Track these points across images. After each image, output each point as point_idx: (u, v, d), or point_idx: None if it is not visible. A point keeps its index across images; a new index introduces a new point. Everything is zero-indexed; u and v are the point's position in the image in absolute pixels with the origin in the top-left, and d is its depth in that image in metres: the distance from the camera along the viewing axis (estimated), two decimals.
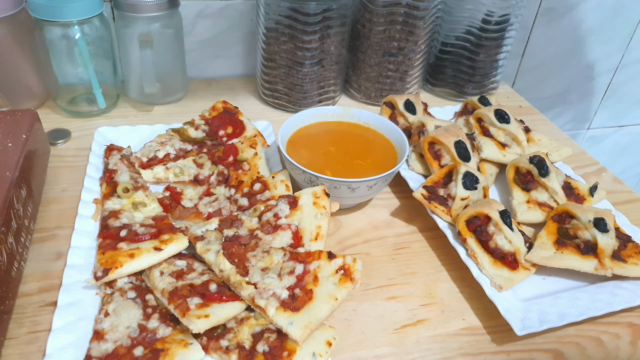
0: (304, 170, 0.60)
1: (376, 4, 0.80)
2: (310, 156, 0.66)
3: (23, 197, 0.55)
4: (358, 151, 0.68)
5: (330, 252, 0.52)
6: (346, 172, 0.64)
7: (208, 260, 0.53)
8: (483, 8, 0.85)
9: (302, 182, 0.62)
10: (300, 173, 0.61)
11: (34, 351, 0.47)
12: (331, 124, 0.72)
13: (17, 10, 0.70)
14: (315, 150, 0.67)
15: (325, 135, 0.71)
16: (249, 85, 0.93)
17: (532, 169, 0.68)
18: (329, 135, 0.71)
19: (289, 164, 0.62)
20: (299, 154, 0.65)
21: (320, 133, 0.71)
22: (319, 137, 0.70)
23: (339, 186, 0.60)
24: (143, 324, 0.48)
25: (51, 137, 0.72)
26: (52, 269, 0.54)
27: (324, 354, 0.46)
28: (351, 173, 0.63)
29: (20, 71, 0.75)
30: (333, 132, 0.71)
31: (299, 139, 0.68)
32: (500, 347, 0.52)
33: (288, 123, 0.67)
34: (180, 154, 0.69)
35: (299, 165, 0.60)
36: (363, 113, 0.72)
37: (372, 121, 0.72)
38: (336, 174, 0.60)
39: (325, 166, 0.64)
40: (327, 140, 0.70)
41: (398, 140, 0.68)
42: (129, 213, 0.58)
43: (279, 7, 0.75)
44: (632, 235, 0.63)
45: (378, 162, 0.66)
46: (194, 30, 0.88)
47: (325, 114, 0.72)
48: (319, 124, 0.72)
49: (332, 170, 0.64)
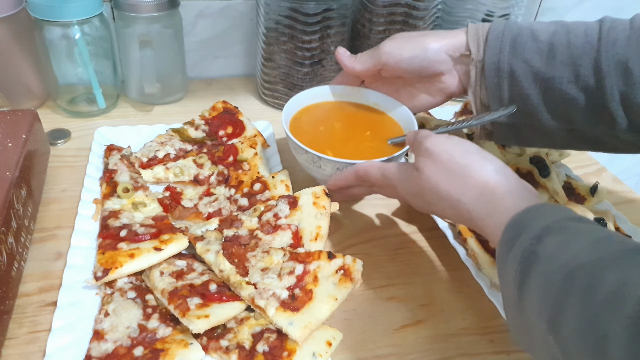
0: (306, 150, 0.57)
1: (376, 4, 0.80)
2: (314, 136, 0.63)
3: (23, 197, 0.55)
4: (365, 132, 0.65)
5: (330, 252, 0.52)
6: (352, 153, 0.60)
7: (208, 260, 0.53)
8: (483, 8, 0.85)
9: (305, 163, 0.60)
10: (302, 153, 0.59)
11: (34, 351, 0.47)
12: (338, 104, 0.69)
13: (17, 10, 0.70)
14: (319, 130, 0.65)
15: (331, 114, 0.68)
16: (249, 85, 0.93)
17: (532, 169, 0.68)
18: (335, 115, 0.68)
19: (292, 144, 0.59)
20: (303, 133, 0.62)
21: (327, 112, 0.68)
22: (324, 116, 0.68)
23: (342, 167, 0.57)
24: (143, 324, 0.48)
25: (51, 137, 0.72)
26: (52, 269, 0.54)
27: (324, 354, 0.46)
28: (357, 155, 0.59)
29: (20, 71, 0.75)
30: (340, 111, 0.69)
31: (303, 118, 0.66)
32: (500, 347, 0.52)
33: (293, 101, 0.65)
34: (180, 154, 0.69)
35: (302, 145, 0.57)
36: (372, 93, 0.69)
37: (382, 102, 0.68)
38: (340, 156, 0.57)
39: (330, 147, 0.61)
40: (333, 119, 0.67)
41: (407, 122, 0.65)
42: (129, 213, 0.58)
43: (279, 7, 0.75)
44: (632, 235, 0.63)
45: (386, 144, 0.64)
46: (194, 30, 0.88)
47: (333, 92, 0.69)
48: (326, 104, 0.69)
49: (337, 151, 0.60)
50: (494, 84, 0.57)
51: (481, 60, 0.57)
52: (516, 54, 0.55)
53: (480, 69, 0.57)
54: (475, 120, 0.58)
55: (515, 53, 0.55)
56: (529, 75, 0.55)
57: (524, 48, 0.55)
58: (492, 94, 0.57)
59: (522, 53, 0.55)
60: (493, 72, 0.56)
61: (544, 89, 0.55)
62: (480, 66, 0.57)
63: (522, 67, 0.55)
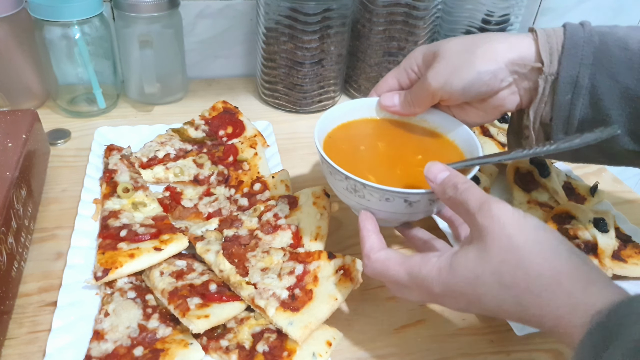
0: (347, 175, 0.46)
1: (376, 4, 0.80)
2: (352, 158, 0.53)
3: (23, 197, 0.55)
4: (416, 156, 0.55)
5: (330, 252, 0.52)
6: (399, 180, 0.51)
7: (208, 260, 0.53)
8: (483, 8, 0.85)
9: (343, 191, 0.49)
10: (341, 179, 0.48)
11: (34, 351, 0.47)
12: (381, 122, 0.59)
13: (17, 10, 0.70)
14: (359, 151, 0.55)
15: (373, 133, 0.58)
16: (249, 85, 0.93)
17: (532, 169, 0.68)
18: (377, 133, 0.58)
19: (327, 167, 0.49)
20: (339, 154, 0.51)
21: (368, 130, 0.58)
22: (365, 134, 0.58)
23: (392, 198, 0.46)
24: (143, 324, 0.48)
25: (51, 137, 0.72)
26: (52, 269, 0.54)
27: (324, 354, 0.46)
28: (406, 182, 0.50)
29: (20, 71, 0.75)
30: (383, 129, 0.58)
31: (339, 136, 0.56)
32: (500, 347, 0.52)
33: (327, 116, 0.55)
34: (180, 154, 0.69)
35: (340, 170, 0.47)
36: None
37: (434, 119, 0.57)
38: (386, 183, 0.46)
39: (372, 172, 0.51)
40: (375, 139, 0.57)
41: (468, 145, 0.53)
42: (129, 213, 0.58)
43: (279, 7, 0.75)
44: (632, 235, 0.63)
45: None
46: (194, 30, 0.88)
47: (374, 107, 0.58)
48: (366, 121, 0.58)
49: (381, 177, 0.50)
50: (565, 101, 0.48)
51: (554, 73, 0.48)
52: (600, 67, 0.46)
53: (550, 83, 0.48)
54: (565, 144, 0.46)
55: (599, 65, 0.46)
56: (615, 93, 0.46)
57: (610, 60, 0.46)
58: (559, 113, 0.48)
59: (608, 66, 0.46)
60: (567, 88, 0.47)
61: (632, 109, 0.46)
62: (551, 80, 0.48)
63: (607, 83, 0.46)
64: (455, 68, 0.49)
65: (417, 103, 0.54)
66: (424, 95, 0.52)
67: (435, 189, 0.43)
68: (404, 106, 0.55)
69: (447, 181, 0.42)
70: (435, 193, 0.43)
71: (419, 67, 0.54)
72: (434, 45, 0.52)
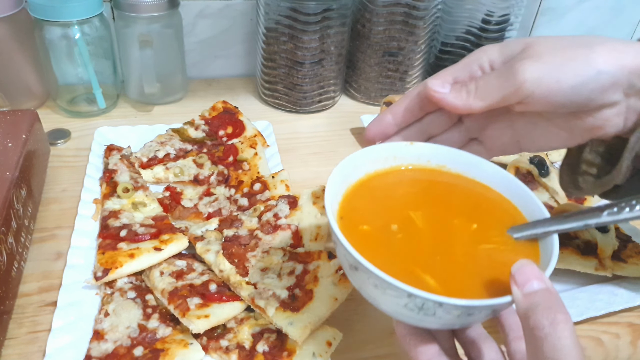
0: (410, 292, 0.31)
1: (376, 4, 0.80)
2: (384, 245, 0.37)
3: (23, 197, 0.55)
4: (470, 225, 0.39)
5: (330, 252, 0.52)
6: (464, 272, 0.35)
7: (208, 260, 0.53)
8: (483, 8, 0.85)
9: (393, 307, 0.34)
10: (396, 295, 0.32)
11: (34, 351, 0.47)
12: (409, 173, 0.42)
13: (17, 10, 0.70)
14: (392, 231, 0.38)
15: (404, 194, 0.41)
16: (249, 85, 0.93)
17: (532, 169, 0.68)
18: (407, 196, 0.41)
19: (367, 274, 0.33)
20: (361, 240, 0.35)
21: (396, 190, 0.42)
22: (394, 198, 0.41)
23: (477, 312, 0.32)
24: (143, 324, 0.48)
25: (51, 137, 0.72)
26: (52, 269, 0.54)
27: (324, 354, 0.46)
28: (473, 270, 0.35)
29: (20, 71, 0.75)
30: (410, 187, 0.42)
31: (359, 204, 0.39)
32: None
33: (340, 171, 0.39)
34: (180, 154, 0.69)
35: (399, 284, 0.31)
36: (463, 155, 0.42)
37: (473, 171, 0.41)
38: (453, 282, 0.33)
39: (420, 264, 0.35)
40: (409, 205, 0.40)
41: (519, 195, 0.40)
42: (129, 213, 0.58)
43: (279, 7, 0.75)
44: (632, 235, 0.63)
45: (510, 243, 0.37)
46: (194, 30, 0.88)
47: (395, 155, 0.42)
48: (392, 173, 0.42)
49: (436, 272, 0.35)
50: None
51: None
52: None
53: None
54: None
55: None
56: None
57: None
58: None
59: None
60: None
61: None
62: None
63: None
64: (565, 60, 0.36)
65: (483, 95, 0.38)
66: (501, 87, 0.38)
67: (520, 302, 0.30)
68: (458, 94, 0.39)
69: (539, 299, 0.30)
70: (516, 303, 0.31)
71: (492, 62, 0.40)
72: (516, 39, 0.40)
